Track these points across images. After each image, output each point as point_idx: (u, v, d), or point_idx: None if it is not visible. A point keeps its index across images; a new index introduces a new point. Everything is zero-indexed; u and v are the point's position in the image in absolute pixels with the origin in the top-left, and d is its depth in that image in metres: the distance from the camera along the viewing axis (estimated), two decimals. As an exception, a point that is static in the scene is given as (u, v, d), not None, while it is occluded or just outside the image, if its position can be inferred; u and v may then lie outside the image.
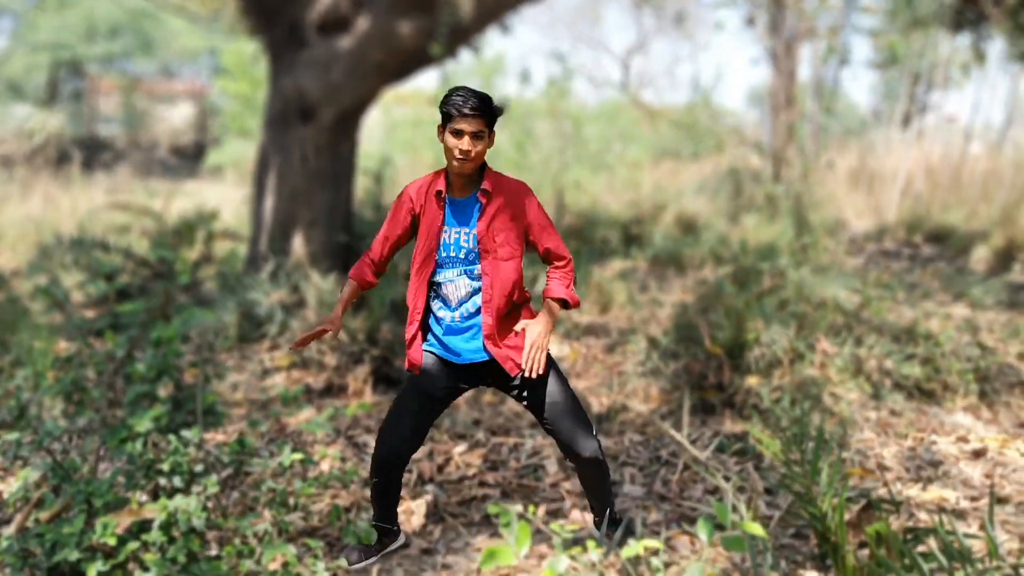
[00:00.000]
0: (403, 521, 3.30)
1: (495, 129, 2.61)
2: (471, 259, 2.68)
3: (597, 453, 2.80)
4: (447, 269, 2.69)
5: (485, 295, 2.68)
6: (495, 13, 6.96)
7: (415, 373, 2.79)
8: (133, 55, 21.20)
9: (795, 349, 4.68)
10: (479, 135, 2.53)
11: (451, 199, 2.67)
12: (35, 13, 19.65)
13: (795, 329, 4.88)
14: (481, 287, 2.69)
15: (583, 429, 2.77)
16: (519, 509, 1.92)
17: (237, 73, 18.51)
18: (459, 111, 2.50)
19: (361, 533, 2.70)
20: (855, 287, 6.00)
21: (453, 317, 2.72)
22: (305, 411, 4.49)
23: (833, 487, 2.46)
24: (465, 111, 2.50)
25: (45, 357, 4.30)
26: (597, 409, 4.53)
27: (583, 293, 6.63)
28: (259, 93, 16.47)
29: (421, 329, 2.79)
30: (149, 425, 2.62)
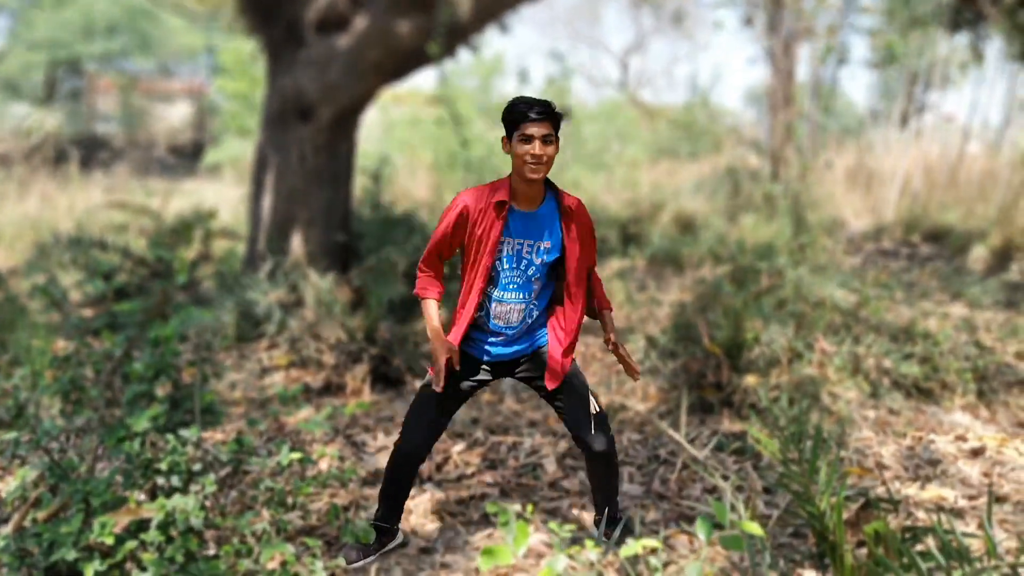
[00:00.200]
0: (402, 520, 3.29)
1: (559, 136, 2.57)
2: (532, 277, 2.66)
3: (610, 447, 2.82)
4: (503, 287, 2.65)
5: (557, 319, 2.73)
6: (493, 12, 6.95)
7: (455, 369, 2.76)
8: (131, 54, 21.16)
9: (793, 348, 4.68)
10: (548, 139, 2.50)
11: (515, 210, 2.61)
12: (32, 11, 19.61)
13: (793, 328, 4.88)
14: (535, 306, 2.71)
15: (600, 425, 2.78)
16: (517, 508, 1.92)
17: (235, 72, 18.49)
18: (525, 117, 2.48)
19: (359, 532, 2.70)
20: (853, 286, 6.00)
21: (499, 337, 2.72)
22: (304, 410, 4.49)
23: (831, 486, 2.46)
24: (532, 115, 2.48)
25: (43, 356, 4.29)
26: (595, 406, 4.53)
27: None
28: (257, 92, 16.46)
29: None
30: (147, 424, 2.62)
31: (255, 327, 5.75)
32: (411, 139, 15.39)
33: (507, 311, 2.67)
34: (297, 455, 2.69)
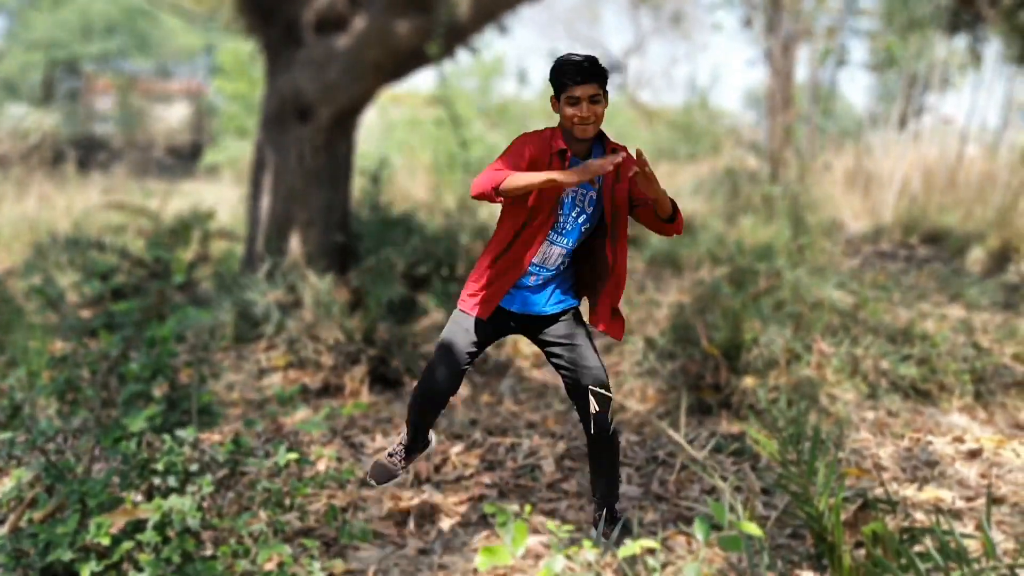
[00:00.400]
0: (399, 522, 3.29)
1: (607, 89, 2.58)
2: (583, 225, 2.66)
3: (612, 429, 2.81)
4: (555, 231, 2.65)
5: (610, 263, 2.70)
6: (492, 13, 6.95)
7: (479, 319, 2.73)
8: (129, 54, 21.14)
9: (792, 350, 4.68)
10: (596, 99, 2.52)
11: (574, 159, 2.64)
12: (30, 11, 19.60)
13: (792, 330, 4.88)
14: (569, 256, 2.70)
15: (605, 405, 2.78)
16: (515, 509, 1.91)
17: (234, 72, 18.48)
18: (572, 79, 2.49)
19: (357, 532, 2.69)
20: (851, 288, 6.00)
21: (530, 279, 2.71)
22: (301, 411, 4.48)
23: (829, 487, 2.46)
24: (578, 78, 2.49)
25: (40, 357, 4.28)
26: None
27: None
28: (256, 92, 16.45)
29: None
30: (143, 425, 2.62)
31: (253, 328, 5.74)
32: (410, 140, 15.39)
33: (549, 252, 2.68)
34: (294, 456, 2.69)
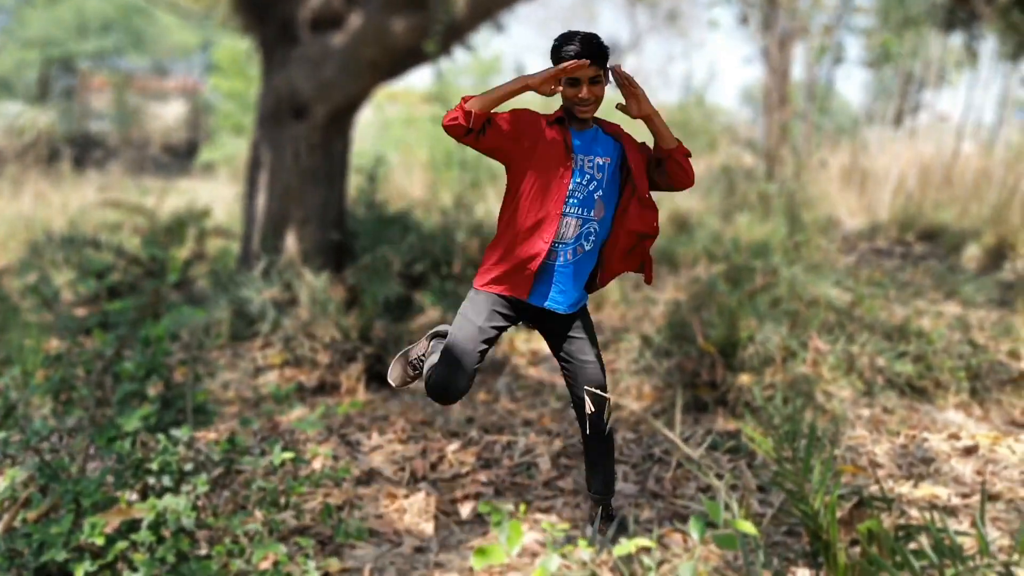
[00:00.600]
0: (396, 519, 3.29)
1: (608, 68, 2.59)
2: (595, 192, 2.64)
3: (608, 428, 2.81)
4: (569, 201, 2.62)
5: (612, 238, 2.69)
6: (489, 11, 6.94)
7: (500, 297, 2.70)
8: (125, 52, 21.09)
9: (787, 347, 4.68)
10: (596, 80, 2.53)
11: (573, 130, 2.64)
12: (26, 9, 19.54)
13: (788, 327, 4.88)
14: (593, 230, 2.67)
15: (602, 403, 2.77)
16: (510, 507, 1.91)
17: (229, 70, 18.44)
18: (571, 59, 2.49)
19: (352, 531, 2.69)
20: (847, 285, 6.01)
21: (561, 256, 2.66)
22: (297, 409, 4.48)
23: (825, 485, 2.46)
24: (578, 57, 2.48)
25: (35, 355, 4.27)
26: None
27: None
28: (252, 90, 16.42)
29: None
30: (138, 424, 2.61)
31: (249, 326, 5.74)
32: (406, 138, 15.38)
33: (564, 225, 2.64)
34: (289, 455, 2.68)
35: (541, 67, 2.57)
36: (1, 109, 16.47)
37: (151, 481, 2.53)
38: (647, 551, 2.78)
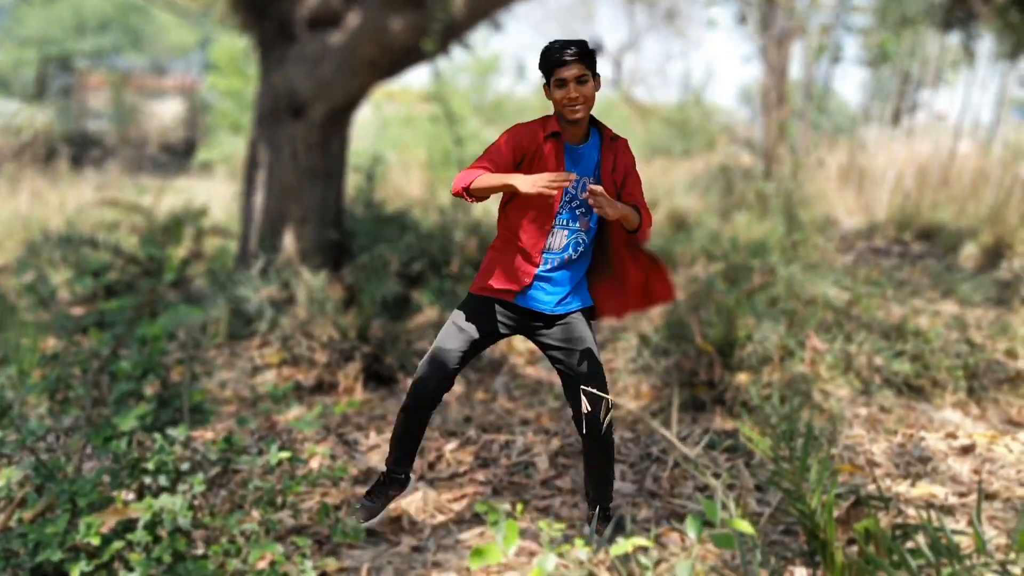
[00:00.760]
0: (393, 520, 3.28)
1: (599, 72, 2.61)
2: (577, 209, 2.65)
3: (607, 432, 2.79)
4: (559, 213, 2.65)
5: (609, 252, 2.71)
6: (487, 10, 6.93)
7: (500, 302, 2.73)
8: (123, 50, 21.07)
9: (785, 346, 4.68)
10: (582, 79, 2.54)
11: (567, 144, 2.65)
12: (23, 7, 19.51)
13: (785, 326, 4.88)
14: (581, 241, 2.69)
15: (597, 406, 2.76)
16: (507, 507, 1.91)
17: (227, 69, 18.42)
18: (557, 62, 2.52)
19: (349, 531, 2.69)
20: (845, 284, 6.01)
21: (548, 265, 2.69)
22: (295, 409, 4.47)
23: (822, 484, 2.46)
24: (563, 60, 2.51)
25: (32, 355, 4.26)
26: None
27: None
28: (249, 89, 16.41)
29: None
30: (134, 423, 2.60)
31: (247, 325, 5.73)
32: (404, 137, 15.37)
33: (554, 236, 2.67)
34: (286, 454, 2.68)
35: (536, 64, 2.60)
36: (-2, 108, 16.44)
37: (147, 481, 2.52)
38: (644, 550, 2.78)
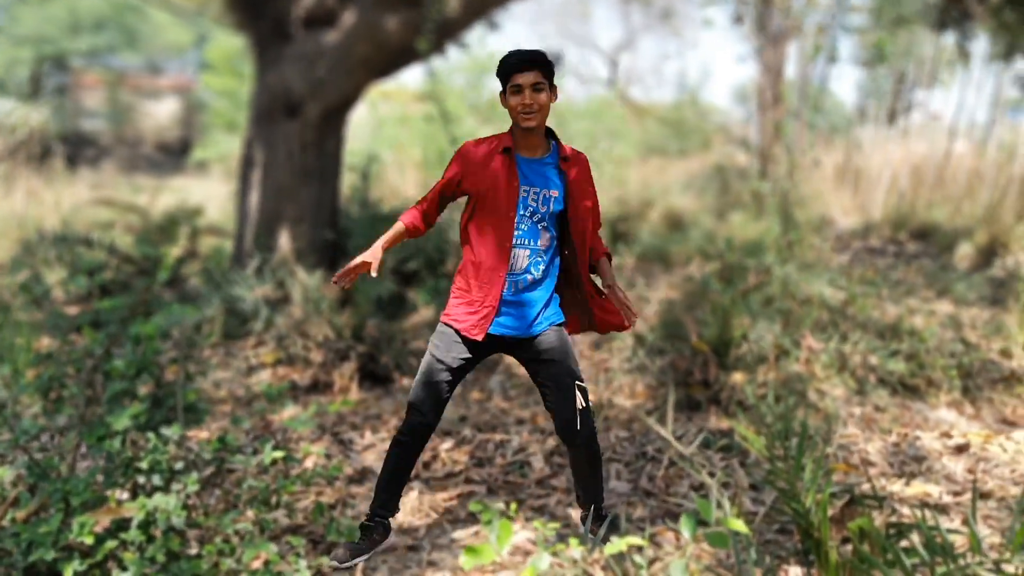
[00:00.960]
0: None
1: (556, 84, 2.57)
2: (539, 223, 2.63)
3: (592, 438, 2.77)
4: (516, 233, 2.61)
5: (578, 261, 2.68)
6: (482, 9, 6.93)
7: (468, 338, 2.67)
8: (118, 49, 21.02)
9: (780, 345, 4.68)
10: (538, 87, 2.50)
11: (521, 157, 2.62)
12: (18, 6, 19.46)
13: (781, 326, 4.89)
14: (542, 259, 2.65)
15: (584, 413, 2.72)
16: (501, 507, 1.90)
17: (221, 68, 18.39)
18: (514, 67, 2.49)
19: (344, 530, 2.68)
20: (840, 284, 6.01)
21: (511, 288, 2.65)
22: (290, 408, 4.47)
23: (817, 483, 2.46)
24: (520, 67, 2.48)
25: (26, 354, 4.25)
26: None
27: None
28: (244, 88, 16.39)
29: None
30: (128, 423, 2.60)
31: (242, 324, 5.72)
32: (400, 136, 15.35)
33: (514, 256, 2.63)
34: (280, 453, 2.67)
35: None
36: (-7, 107, 16.38)
37: (141, 480, 2.52)
38: (639, 549, 2.78)
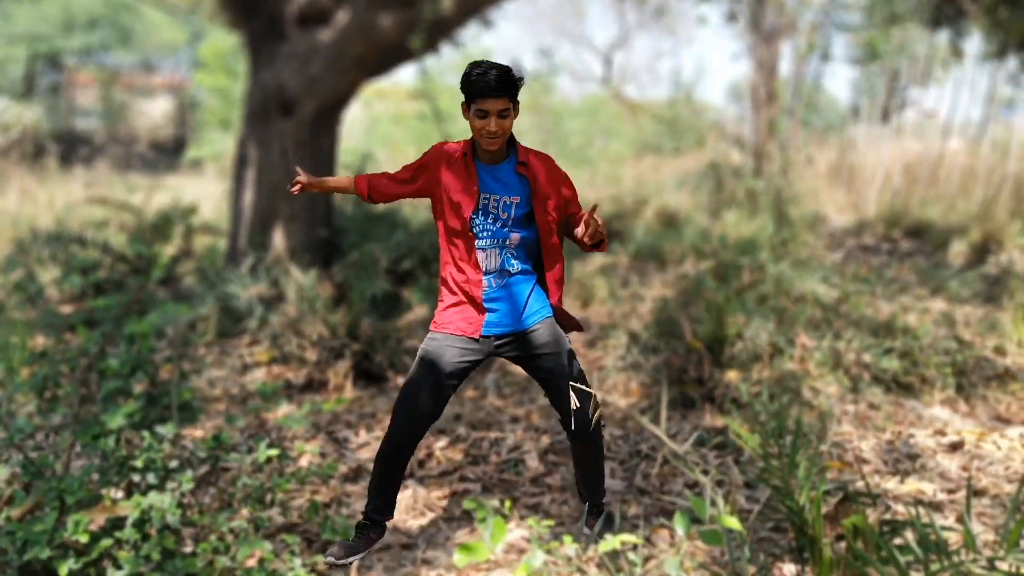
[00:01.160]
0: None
1: (518, 100, 2.56)
2: (504, 227, 2.63)
3: (594, 432, 2.77)
4: (481, 236, 2.62)
5: (547, 263, 2.69)
6: (476, 7, 6.93)
7: (463, 338, 2.68)
8: (112, 47, 20.96)
9: (775, 343, 4.69)
10: (504, 113, 2.48)
11: (482, 165, 2.61)
12: (11, 4, 19.38)
13: (775, 323, 4.90)
14: (512, 255, 2.66)
15: (582, 407, 2.72)
16: (497, 504, 1.91)
17: (214, 66, 18.35)
18: (482, 93, 2.45)
19: (339, 528, 2.68)
20: (834, 282, 6.03)
21: (491, 287, 2.66)
22: (285, 407, 4.46)
23: (811, 480, 2.47)
24: (488, 92, 2.44)
25: (21, 352, 4.24)
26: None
27: (565, 289, 6.63)
28: (237, 86, 16.35)
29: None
30: (123, 421, 2.59)
31: (236, 323, 5.71)
32: (394, 134, 15.34)
33: (486, 257, 2.65)
34: (275, 452, 2.67)
35: (527, 63, 2.57)
36: (-14, 105, 16.33)
37: (136, 478, 2.51)
38: (633, 547, 2.79)
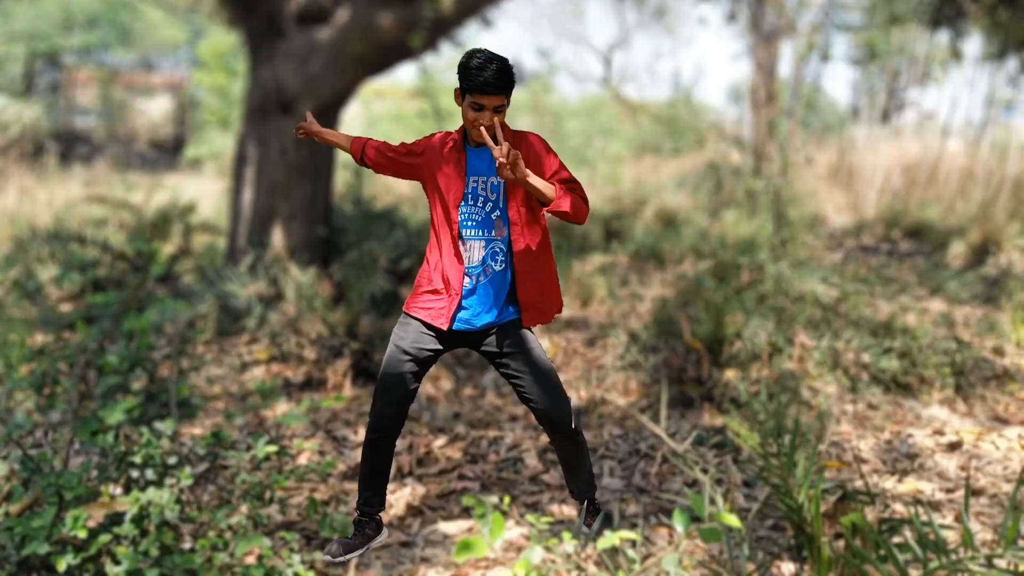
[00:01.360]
0: (382, 514, 3.28)
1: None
2: (491, 213, 2.60)
3: (573, 424, 2.73)
4: (463, 224, 2.59)
5: (516, 249, 2.61)
6: (476, 6, 6.93)
7: (432, 327, 2.65)
8: (111, 46, 20.96)
9: (773, 343, 4.69)
10: (499, 108, 2.48)
11: (471, 148, 2.60)
12: (11, 3, 19.37)
13: (774, 323, 4.90)
14: (498, 248, 2.62)
15: (561, 400, 2.69)
16: (495, 501, 1.91)
17: (213, 65, 18.35)
18: (480, 87, 2.43)
19: (338, 526, 2.68)
20: (833, 282, 6.03)
21: (471, 280, 2.62)
22: (283, 405, 4.46)
23: (809, 479, 2.47)
24: (488, 88, 2.43)
25: (20, 349, 4.24)
26: (576, 402, 4.53)
27: (564, 289, 6.62)
28: (235, 85, 16.36)
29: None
30: (121, 417, 2.59)
31: (235, 321, 5.71)
32: (393, 133, 15.31)
33: (469, 249, 2.61)
34: (273, 448, 2.67)
35: (527, 63, 2.57)
36: (-15, 103, 16.32)
37: (134, 474, 2.51)
38: (632, 544, 2.79)
